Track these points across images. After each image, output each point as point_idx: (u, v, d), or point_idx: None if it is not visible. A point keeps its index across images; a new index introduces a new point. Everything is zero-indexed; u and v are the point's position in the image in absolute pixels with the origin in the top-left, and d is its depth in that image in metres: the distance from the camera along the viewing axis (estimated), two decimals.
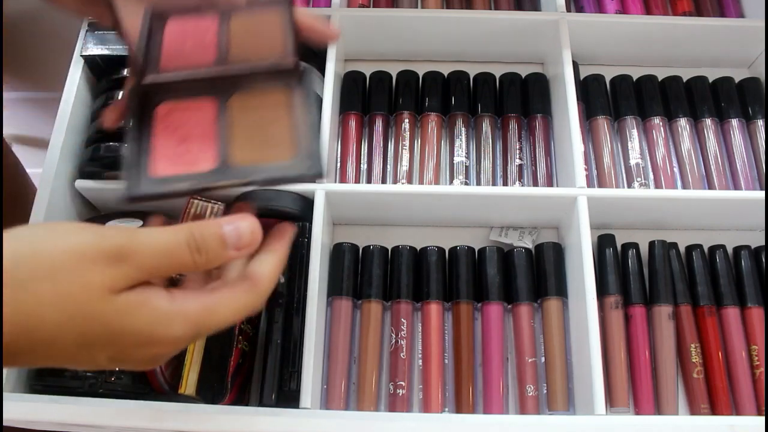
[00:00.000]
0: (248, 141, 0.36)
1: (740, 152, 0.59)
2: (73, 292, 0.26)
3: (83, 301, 0.26)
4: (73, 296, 0.26)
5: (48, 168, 0.52)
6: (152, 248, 0.28)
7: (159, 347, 0.28)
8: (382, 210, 0.58)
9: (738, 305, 0.54)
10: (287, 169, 0.36)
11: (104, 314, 0.26)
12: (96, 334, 0.27)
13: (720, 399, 0.52)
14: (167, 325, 0.28)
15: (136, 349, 0.28)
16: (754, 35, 0.63)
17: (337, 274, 0.54)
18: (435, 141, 0.60)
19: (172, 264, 0.28)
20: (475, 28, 0.63)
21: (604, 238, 0.56)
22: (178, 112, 0.37)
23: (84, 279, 0.26)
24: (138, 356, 0.28)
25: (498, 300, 0.53)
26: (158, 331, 0.28)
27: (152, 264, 0.28)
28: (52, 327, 0.26)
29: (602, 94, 0.61)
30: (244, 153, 0.36)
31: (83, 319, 0.26)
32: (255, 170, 0.35)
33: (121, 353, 0.28)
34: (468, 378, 0.51)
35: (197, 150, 0.35)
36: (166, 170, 0.34)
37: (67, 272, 0.26)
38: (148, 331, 0.27)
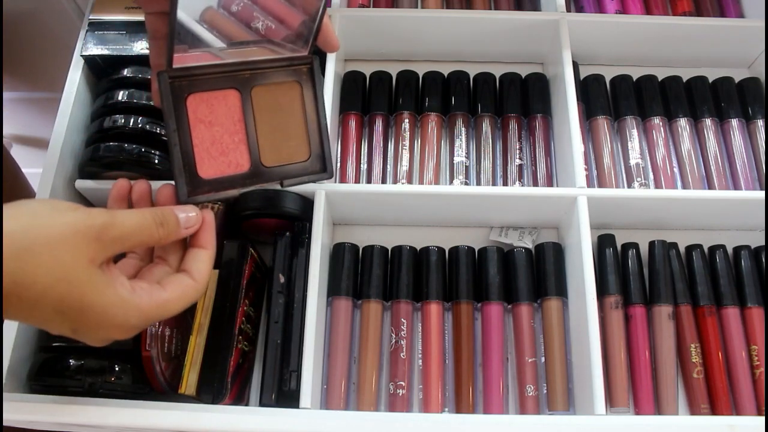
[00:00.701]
0: (272, 140, 0.42)
1: (740, 152, 0.59)
2: (65, 260, 0.31)
3: (70, 267, 0.31)
4: (64, 262, 0.31)
5: (48, 168, 0.52)
6: (128, 223, 0.34)
7: (113, 331, 0.33)
8: (382, 210, 0.58)
9: (738, 305, 0.54)
10: (307, 169, 0.42)
11: (82, 283, 0.31)
12: (70, 303, 0.31)
13: (720, 399, 0.52)
14: (124, 314, 0.33)
15: (96, 327, 0.33)
16: (754, 35, 0.63)
17: (337, 274, 0.54)
18: (435, 141, 0.60)
19: (143, 236, 0.35)
20: (475, 28, 0.63)
21: (604, 238, 0.56)
22: (205, 105, 0.40)
23: (75, 249, 0.31)
24: (94, 335, 0.33)
25: (498, 300, 0.53)
26: (117, 317, 0.33)
27: (128, 235, 0.34)
28: (41, 289, 0.30)
29: (602, 94, 0.61)
30: (272, 154, 0.41)
31: (67, 285, 0.31)
32: (283, 171, 0.41)
33: (84, 327, 0.33)
34: (468, 378, 0.51)
35: (233, 150, 0.41)
36: (212, 172, 0.40)
37: (63, 242, 0.31)
38: (111, 314, 0.33)
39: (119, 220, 0.34)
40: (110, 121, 0.53)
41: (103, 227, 0.32)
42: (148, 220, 0.35)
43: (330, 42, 0.43)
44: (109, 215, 0.33)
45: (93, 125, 0.55)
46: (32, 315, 0.32)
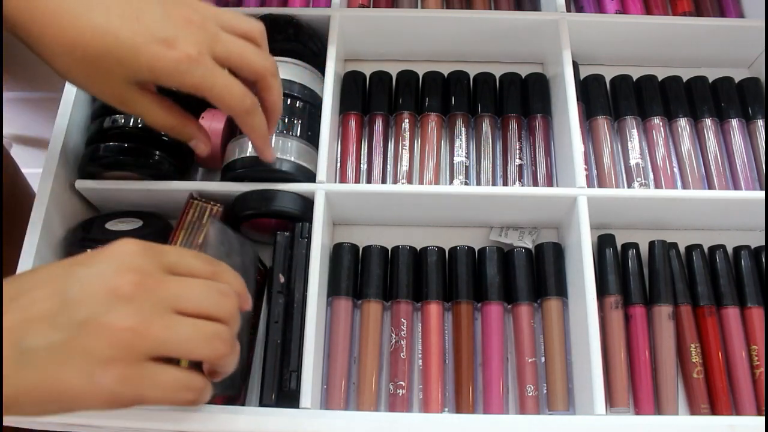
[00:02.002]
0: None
1: (740, 152, 0.59)
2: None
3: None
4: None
5: (48, 168, 0.52)
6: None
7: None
8: (382, 210, 0.58)
9: (738, 305, 0.54)
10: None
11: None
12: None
13: (720, 399, 0.52)
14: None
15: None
16: (754, 35, 0.63)
17: (337, 274, 0.54)
18: (435, 141, 0.60)
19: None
20: (475, 28, 0.63)
21: (604, 238, 0.56)
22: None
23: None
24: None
25: (498, 300, 0.53)
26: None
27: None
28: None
29: (602, 94, 0.61)
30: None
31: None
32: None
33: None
34: (468, 378, 0.51)
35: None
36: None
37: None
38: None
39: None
40: (110, 121, 0.53)
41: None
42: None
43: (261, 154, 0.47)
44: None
45: (93, 125, 0.55)
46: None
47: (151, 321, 0.30)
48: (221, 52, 0.39)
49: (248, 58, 0.41)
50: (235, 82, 0.40)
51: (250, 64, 0.41)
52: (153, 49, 0.36)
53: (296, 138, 0.54)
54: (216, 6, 0.43)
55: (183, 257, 0.34)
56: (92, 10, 0.35)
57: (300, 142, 0.54)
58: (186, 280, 0.33)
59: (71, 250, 0.52)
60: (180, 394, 0.32)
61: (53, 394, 0.29)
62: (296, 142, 0.54)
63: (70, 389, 0.29)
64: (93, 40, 0.35)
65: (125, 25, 0.35)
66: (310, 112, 0.56)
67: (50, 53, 0.36)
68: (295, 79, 0.56)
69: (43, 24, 0.34)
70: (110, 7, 0.35)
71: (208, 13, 0.40)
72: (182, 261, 0.34)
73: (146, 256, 0.32)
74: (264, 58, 0.42)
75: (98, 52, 0.35)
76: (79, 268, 0.31)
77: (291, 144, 0.54)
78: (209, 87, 0.38)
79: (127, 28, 0.35)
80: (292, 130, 0.55)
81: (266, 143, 0.46)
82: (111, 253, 0.32)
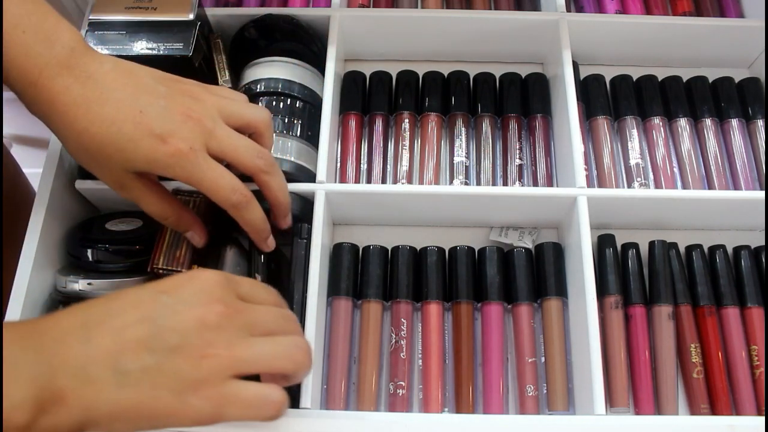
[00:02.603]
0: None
1: (740, 152, 0.59)
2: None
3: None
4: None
5: (48, 168, 0.52)
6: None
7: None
8: (382, 210, 0.58)
9: (738, 305, 0.54)
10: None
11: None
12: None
13: (720, 399, 0.52)
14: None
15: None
16: (754, 35, 0.63)
17: (337, 274, 0.54)
18: (435, 141, 0.60)
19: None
20: (475, 28, 0.63)
21: (604, 238, 0.56)
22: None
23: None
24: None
25: (498, 300, 0.53)
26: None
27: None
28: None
29: (602, 94, 0.61)
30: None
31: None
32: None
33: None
34: (468, 378, 0.51)
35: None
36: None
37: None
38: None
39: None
40: None
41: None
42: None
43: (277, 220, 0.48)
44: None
45: None
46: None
47: (235, 344, 0.34)
48: (215, 148, 0.41)
49: (240, 156, 0.42)
50: (224, 177, 0.41)
51: (243, 162, 0.42)
52: (149, 142, 0.39)
53: (296, 138, 0.54)
54: (228, 89, 0.45)
55: (254, 288, 0.38)
56: (104, 104, 0.39)
57: (300, 142, 0.54)
58: (259, 308, 0.37)
59: (71, 250, 0.52)
60: (262, 409, 0.34)
61: (147, 412, 0.32)
62: (296, 142, 0.54)
63: (163, 408, 0.32)
64: (100, 129, 0.39)
65: (129, 118, 0.39)
66: (310, 112, 0.56)
67: (63, 137, 0.40)
68: (295, 79, 0.56)
69: (62, 112, 0.39)
70: (120, 103, 0.39)
71: (212, 105, 0.42)
72: (253, 291, 0.38)
73: (226, 287, 0.36)
74: (257, 155, 0.43)
75: (102, 140, 0.39)
76: (165, 296, 0.34)
77: (291, 144, 0.54)
78: (198, 180, 0.40)
79: (131, 121, 0.39)
80: (291, 130, 0.55)
81: (261, 237, 0.46)
82: (194, 283, 0.35)
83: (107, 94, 0.39)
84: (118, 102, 0.39)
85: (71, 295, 0.49)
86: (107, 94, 0.39)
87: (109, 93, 0.39)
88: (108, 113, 0.39)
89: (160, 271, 0.47)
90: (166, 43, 0.52)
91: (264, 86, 0.56)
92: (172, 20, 0.53)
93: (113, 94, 0.39)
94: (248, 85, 0.57)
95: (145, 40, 0.52)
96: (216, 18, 0.60)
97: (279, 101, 0.55)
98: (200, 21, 0.54)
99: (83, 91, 0.39)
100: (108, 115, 0.39)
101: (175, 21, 0.53)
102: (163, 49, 0.52)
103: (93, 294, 0.48)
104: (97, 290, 0.48)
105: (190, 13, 0.54)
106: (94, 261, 0.51)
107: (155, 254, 0.47)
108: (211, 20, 0.60)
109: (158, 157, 0.39)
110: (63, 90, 0.39)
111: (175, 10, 0.54)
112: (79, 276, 0.49)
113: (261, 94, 0.55)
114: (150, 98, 0.40)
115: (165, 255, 0.47)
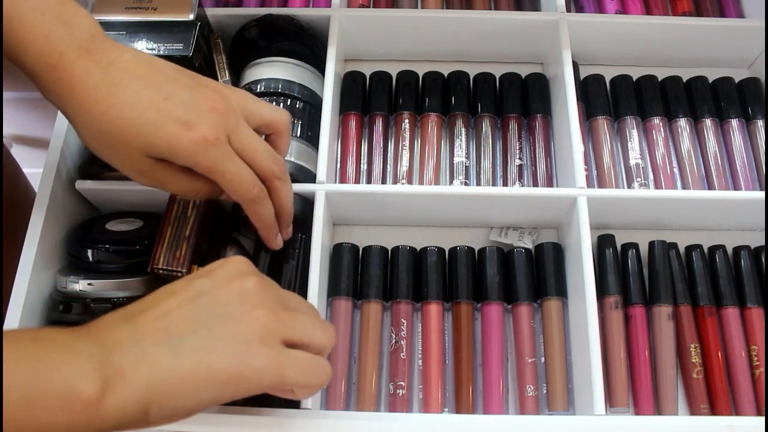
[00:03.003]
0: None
1: (740, 152, 0.59)
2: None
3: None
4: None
5: (48, 168, 0.52)
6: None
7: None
8: (382, 210, 0.58)
9: (738, 305, 0.54)
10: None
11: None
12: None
13: (720, 399, 0.52)
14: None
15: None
16: (754, 35, 0.63)
17: (337, 274, 0.54)
18: (435, 141, 0.60)
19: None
20: (475, 28, 0.63)
21: (604, 238, 0.56)
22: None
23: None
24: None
25: (498, 300, 0.53)
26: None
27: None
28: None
29: (602, 94, 0.61)
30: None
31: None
32: None
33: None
34: (468, 378, 0.51)
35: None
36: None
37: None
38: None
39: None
40: None
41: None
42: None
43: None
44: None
45: None
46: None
47: (277, 310, 0.35)
48: (236, 144, 0.41)
49: (257, 159, 0.42)
50: (246, 170, 0.41)
51: (259, 164, 0.42)
52: (173, 128, 0.38)
53: (296, 138, 0.54)
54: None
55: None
56: (127, 89, 0.38)
57: (300, 143, 0.54)
58: (285, 291, 0.39)
59: (71, 250, 0.52)
60: (314, 376, 0.36)
61: (208, 380, 0.32)
62: (296, 143, 0.54)
63: (224, 373, 0.32)
64: (122, 113, 0.37)
65: (153, 104, 0.38)
66: (310, 112, 0.56)
67: (81, 122, 0.39)
68: (295, 80, 0.56)
69: (81, 96, 0.37)
70: (142, 89, 0.38)
71: (234, 101, 0.42)
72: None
73: (251, 265, 0.38)
74: (273, 161, 0.43)
75: (122, 125, 0.38)
76: (200, 280, 0.35)
77: (291, 144, 0.54)
78: (221, 171, 0.40)
79: (154, 107, 0.38)
80: (292, 130, 0.55)
81: (272, 234, 0.46)
82: (226, 265, 0.37)
83: (129, 79, 0.38)
84: (141, 88, 0.38)
85: (71, 295, 0.49)
86: (129, 79, 0.38)
87: (132, 79, 0.38)
88: (130, 97, 0.38)
89: (160, 271, 0.47)
90: (166, 43, 0.52)
91: (264, 86, 0.56)
92: (172, 20, 0.53)
93: (136, 81, 0.38)
94: (248, 85, 0.57)
95: (145, 40, 0.52)
96: (216, 18, 0.60)
97: (279, 101, 0.55)
98: (200, 21, 0.54)
99: (105, 76, 0.38)
100: (130, 100, 0.38)
101: (175, 21, 0.53)
102: (163, 50, 0.52)
103: (93, 294, 0.48)
104: (97, 290, 0.49)
105: (190, 13, 0.54)
106: (94, 261, 0.51)
107: (155, 254, 0.47)
108: (211, 20, 0.60)
109: (182, 144, 0.38)
110: (84, 74, 0.37)
111: (175, 11, 0.54)
112: (79, 276, 0.49)
113: (261, 95, 0.56)
114: (174, 87, 0.39)
115: (165, 255, 0.47)
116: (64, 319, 0.48)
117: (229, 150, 0.40)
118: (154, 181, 0.41)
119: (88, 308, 0.48)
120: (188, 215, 0.49)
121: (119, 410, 0.30)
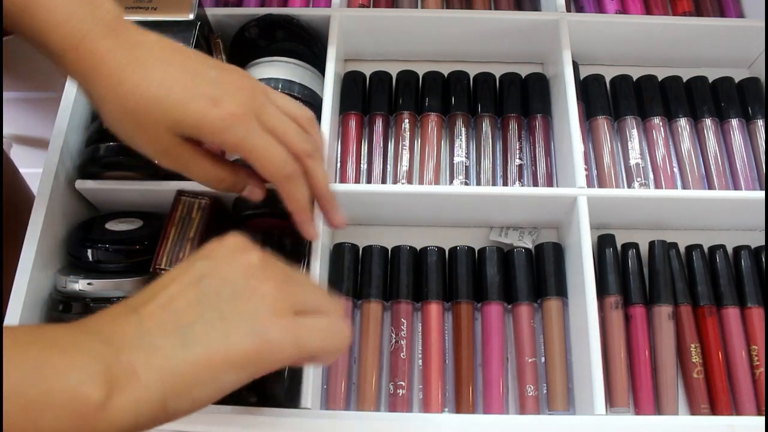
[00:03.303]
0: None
1: (740, 152, 0.59)
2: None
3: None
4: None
5: (48, 168, 0.52)
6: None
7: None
8: (382, 210, 0.58)
9: (738, 305, 0.54)
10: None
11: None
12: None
13: (720, 399, 0.52)
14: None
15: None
16: (754, 35, 0.63)
17: (337, 274, 0.54)
18: (435, 141, 0.60)
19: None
20: (475, 28, 0.63)
21: (604, 238, 0.56)
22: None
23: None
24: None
25: (498, 300, 0.53)
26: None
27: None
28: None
29: (602, 94, 0.61)
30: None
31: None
32: None
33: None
34: (468, 378, 0.51)
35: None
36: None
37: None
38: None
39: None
40: None
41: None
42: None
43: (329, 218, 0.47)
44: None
45: (93, 125, 0.55)
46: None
47: (285, 282, 0.34)
48: (266, 122, 0.40)
49: (289, 136, 0.40)
50: (277, 147, 0.40)
51: (291, 142, 0.41)
52: (200, 104, 0.37)
53: None
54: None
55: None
56: (152, 67, 0.37)
57: None
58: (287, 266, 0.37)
59: (71, 250, 0.52)
60: (333, 340, 0.35)
61: (226, 362, 0.30)
62: None
63: (242, 351, 0.31)
64: (147, 91, 0.37)
65: (180, 81, 0.37)
66: None
67: (106, 100, 0.38)
68: (295, 79, 0.56)
69: (107, 74, 0.37)
70: (168, 67, 0.38)
71: (260, 86, 0.41)
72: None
73: (249, 241, 0.35)
74: (306, 140, 0.41)
75: (149, 102, 0.37)
76: (200, 261, 0.34)
77: None
78: (250, 148, 0.39)
79: (181, 84, 0.37)
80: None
81: (306, 217, 0.44)
82: (224, 243, 0.35)
83: (155, 59, 0.38)
84: (168, 66, 0.38)
85: (71, 295, 0.49)
86: (155, 59, 0.38)
87: (157, 58, 0.38)
88: (157, 75, 0.37)
89: (162, 271, 0.47)
90: None
91: None
92: (172, 20, 0.53)
93: (162, 60, 0.38)
94: None
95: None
96: (216, 18, 0.60)
97: None
98: (200, 21, 0.54)
99: (130, 55, 0.37)
100: (157, 78, 0.37)
101: (175, 21, 0.53)
102: None
103: (93, 294, 0.48)
104: (97, 290, 0.49)
105: (190, 13, 0.54)
106: (94, 261, 0.51)
107: (158, 255, 0.47)
108: (211, 20, 0.60)
109: (209, 120, 0.37)
110: (108, 53, 0.37)
111: (175, 10, 0.54)
112: (79, 276, 0.49)
113: None
114: (201, 66, 0.39)
115: (168, 255, 0.47)
116: (64, 318, 0.49)
117: (257, 126, 0.39)
118: (178, 163, 0.40)
119: (87, 308, 0.48)
120: (193, 217, 0.49)
121: (133, 410, 0.28)
